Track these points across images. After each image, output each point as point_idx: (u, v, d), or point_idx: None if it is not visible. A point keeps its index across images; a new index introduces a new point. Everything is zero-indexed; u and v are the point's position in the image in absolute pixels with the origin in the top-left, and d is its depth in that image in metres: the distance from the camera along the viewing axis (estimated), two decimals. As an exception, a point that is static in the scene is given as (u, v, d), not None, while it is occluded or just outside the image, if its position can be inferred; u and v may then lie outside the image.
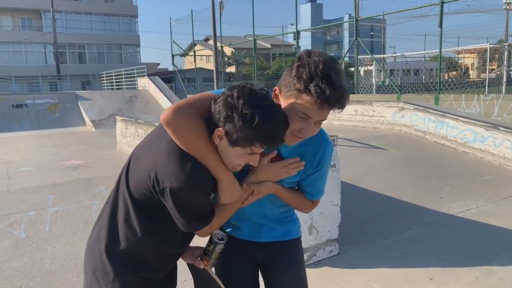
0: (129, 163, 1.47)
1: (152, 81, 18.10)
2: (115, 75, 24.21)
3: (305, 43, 60.36)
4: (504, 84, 14.39)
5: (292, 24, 21.21)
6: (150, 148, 1.43)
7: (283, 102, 1.41)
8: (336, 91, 1.31)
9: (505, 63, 15.26)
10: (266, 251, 1.73)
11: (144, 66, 21.76)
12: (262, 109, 1.26)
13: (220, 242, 1.55)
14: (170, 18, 27.57)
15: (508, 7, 31.10)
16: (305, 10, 58.81)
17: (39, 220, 4.49)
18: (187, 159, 1.32)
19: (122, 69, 23.29)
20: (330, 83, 1.30)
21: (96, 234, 1.50)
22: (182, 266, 1.69)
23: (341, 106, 1.36)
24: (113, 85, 24.98)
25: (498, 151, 6.69)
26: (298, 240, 1.79)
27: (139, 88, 19.34)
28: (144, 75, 19.78)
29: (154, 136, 1.46)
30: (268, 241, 1.71)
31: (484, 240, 3.92)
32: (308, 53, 1.38)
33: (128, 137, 7.93)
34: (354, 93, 16.34)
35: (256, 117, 1.24)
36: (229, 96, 1.29)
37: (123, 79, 22.63)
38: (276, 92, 1.46)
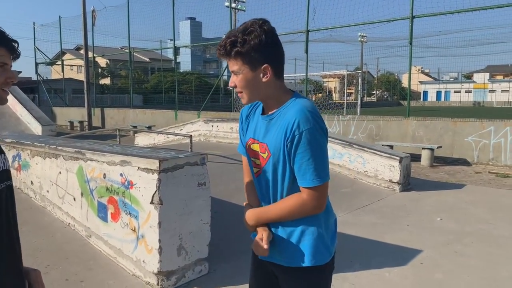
0: None
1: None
2: (-39, 82, 20.82)
3: (185, 59, 60.49)
4: (358, 107, 16.44)
5: (171, 40, 21.06)
6: None
7: None
8: (222, 44, 1.47)
9: (359, 88, 17.46)
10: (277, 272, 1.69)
11: (-1, 73, 19.18)
12: None
13: None
14: (34, 23, 25.03)
15: (362, 39, 35.97)
16: (184, 27, 59.08)
17: None
18: None
19: (-29, 75, 20.17)
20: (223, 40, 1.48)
21: None
22: None
23: (226, 53, 1.46)
24: (-43, 93, 21.38)
25: (353, 166, 7.53)
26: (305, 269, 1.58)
27: (-8, 98, 17.02)
28: (-1, 84, 17.50)
29: None
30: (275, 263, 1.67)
31: (339, 248, 4.27)
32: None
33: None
34: (231, 111, 16.82)
35: None
36: None
37: (-28, 87, 19.60)
38: None
